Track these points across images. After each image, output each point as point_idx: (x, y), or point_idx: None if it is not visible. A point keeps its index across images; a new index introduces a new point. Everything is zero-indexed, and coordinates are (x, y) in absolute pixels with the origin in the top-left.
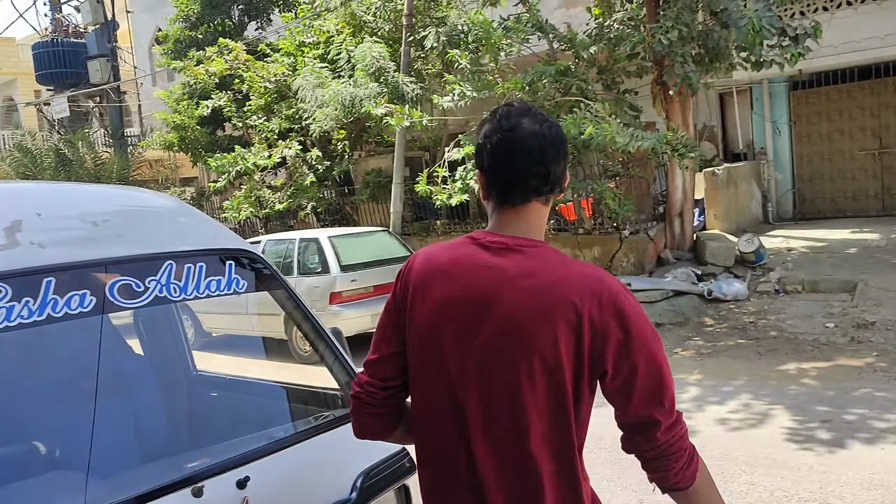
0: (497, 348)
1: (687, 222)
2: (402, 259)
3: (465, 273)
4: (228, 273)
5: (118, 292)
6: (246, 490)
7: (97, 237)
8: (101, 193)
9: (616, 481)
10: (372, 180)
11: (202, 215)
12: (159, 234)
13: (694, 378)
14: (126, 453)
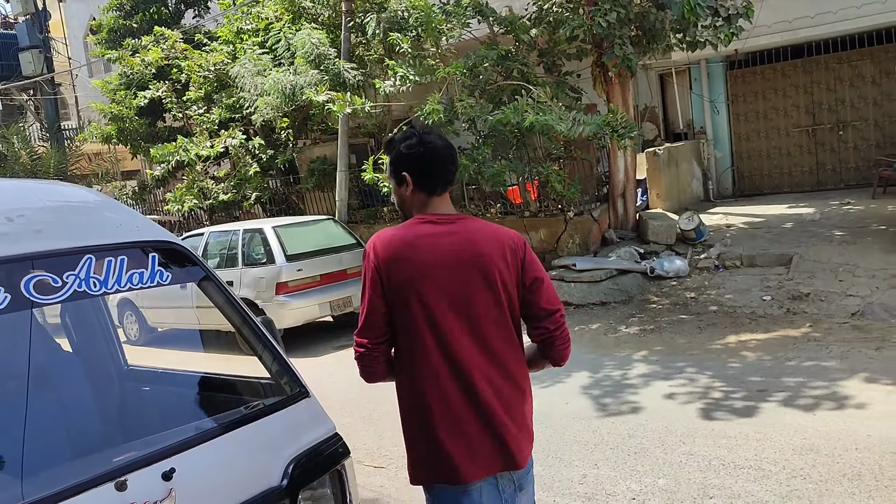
0: (473, 278)
1: (630, 202)
2: (349, 247)
3: (431, 241)
4: (151, 265)
5: (34, 288)
6: (172, 482)
7: (12, 233)
8: (18, 188)
9: (561, 458)
10: (317, 168)
11: (125, 208)
12: (79, 228)
13: (639, 354)
14: (52, 451)
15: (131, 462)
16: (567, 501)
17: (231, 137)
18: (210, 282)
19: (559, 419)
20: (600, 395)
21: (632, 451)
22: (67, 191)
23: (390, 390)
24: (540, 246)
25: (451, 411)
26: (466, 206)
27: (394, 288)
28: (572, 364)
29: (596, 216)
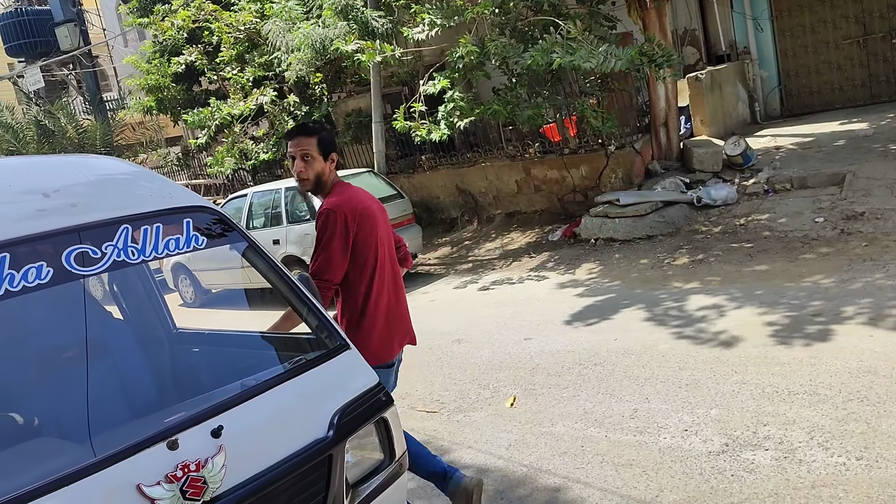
0: (388, 223)
1: (672, 131)
2: (389, 198)
3: (369, 201)
4: (186, 231)
5: (75, 260)
6: (221, 438)
7: (50, 208)
8: (52, 164)
9: (612, 393)
10: (353, 121)
11: (158, 177)
12: (113, 199)
13: (688, 286)
14: (106, 416)
15: (182, 422)
16: (618, 436)
17: (263, 95)
18: (243, 242)
19: (608, 356)
20: (649, 329)
21: (683, 384)
22: (100, 163)
23: (439, 339)
24: (581, 183)
25: (391, 313)
26: (504, 147)
27: (361, 237)
28: (620, 299)
29: (638, 148)
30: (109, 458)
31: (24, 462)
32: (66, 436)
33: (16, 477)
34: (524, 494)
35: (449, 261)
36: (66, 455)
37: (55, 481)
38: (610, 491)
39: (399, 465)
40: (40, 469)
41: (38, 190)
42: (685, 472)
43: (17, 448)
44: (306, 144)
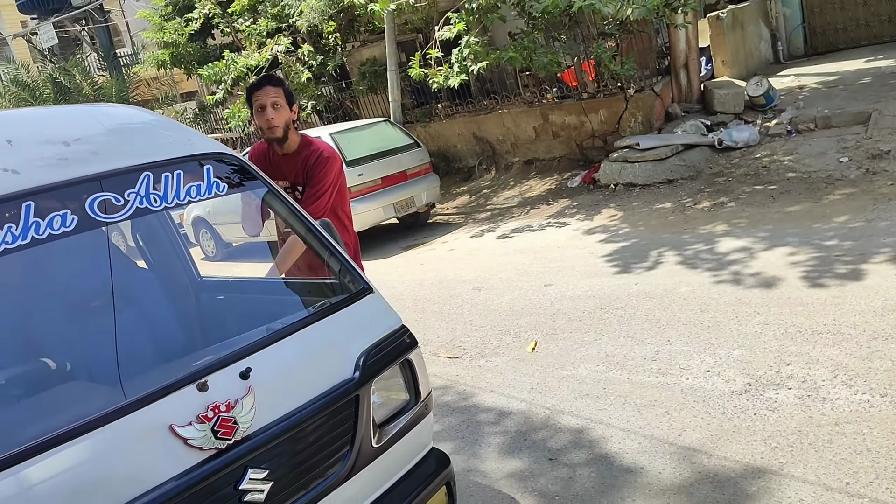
0: None
1: (693, 73)
2: (406, 147)
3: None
4: (207, 177)
5: (98, 208)
6: (249, 380)
7: (71, 157)
8: (72, 113)
9: (633, 336)
10: (368, 70)
11: (178, 125)
12: (134, 147)
13: (709, 229)
14: (136, 361)
15: (210, 364)
16: (640, 378)
17: (277, 44)
18: (264, 188)
19: (629, 300)
20: (670, 273)
21: (705, 326)
22: (120, 112)
23: (459, 286)
24: (600, 128)
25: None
26: (521, 94)
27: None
28: (641, 244)
29: (658, 91)
30: (141, 400)
31: (58, 405)
32: (98, 381)
33: (52, 418)
34: (546, 436)
35: (467, 210)
36: (98, 398)
37: (90, 422)
38: (632, 431)
39: (424, 405)
40: (75, 411)
41: (58, 139)
42: (707, 411)
43: (51, 392)
44: (275, 94)
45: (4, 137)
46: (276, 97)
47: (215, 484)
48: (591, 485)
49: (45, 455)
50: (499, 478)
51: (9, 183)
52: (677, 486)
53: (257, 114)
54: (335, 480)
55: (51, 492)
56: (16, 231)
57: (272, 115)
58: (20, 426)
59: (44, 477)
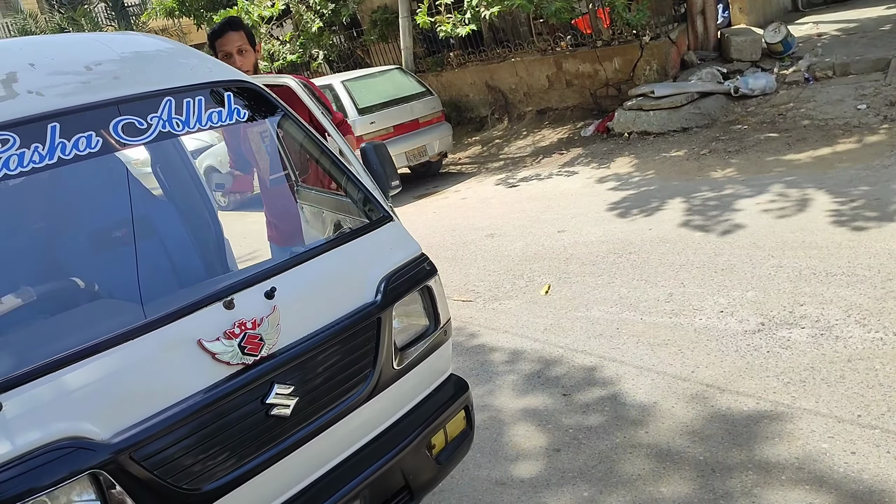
0: None
1: (710, 20)
2: (418, 96)
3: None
4: (228, 104)
5: (122, 130)
6: (274, 300)
7: (93, 81)
8: (94, 40)
9: (647, 280)
10: (379, 18)
11: (198, 53)
12: (155, 73)
13: (723, 175)
14: (163, 282)
15: (236, 284)
16: (654, 319)
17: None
18: (285, 118)
19: (642, 244)
20: (684, 219)
21: (718, 269)
22: (140, 39)
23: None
24: (615, 77)
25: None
26: (534, 41)
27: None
28: (654, 191)
29: (674, 38)
30: (170, 315)
31: (90, 319)
32: (129, 300)
33: (85, 331)
34: (561, 373)
35: (480, 159)
36: (128, 314)
37: (121, 335)
38: (646, 368)
39: (444, 331)
40: (106, 325)
41: (80, 64)
42: (720, 349)
43: (82, 308)
44: (239, 39)
45: (27, 61)
46: (240, 42)
47: (243, 397)
48: (605, 419)
49: (80, 364)
50: (514, 412)
51: (34, 104)
52: (690, 420)
53: (224, 62)
54: (358, 399)
55: (86, 397)
56: (42, 151)
57: (240, 62)
58: (55, 338)
59: (79, 384)
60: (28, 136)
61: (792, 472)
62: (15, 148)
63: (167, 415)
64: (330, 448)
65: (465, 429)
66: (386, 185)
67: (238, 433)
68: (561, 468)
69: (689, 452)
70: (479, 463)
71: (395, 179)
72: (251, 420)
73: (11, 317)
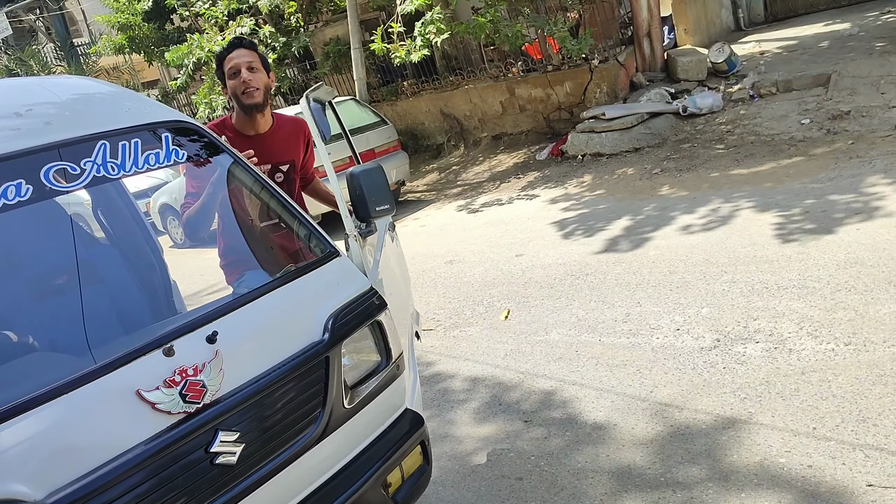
0: None
1: (656, 42)
2: (375, 125)
3: None
4: (166, 145)
5: (54, 177)
6: (216, 344)
7: (24, 127)
8: (29, 84)
9: (604, 300)
10: (332, 50)
11: (136, 95)
12: (89, 116)
13: (675, 194)
14: (101, 331)
15: (175, 329)
16: (612, 339)
17: (240, 26)
18: (227, 156)
19: (599, 265)
20: (638, 237)
21: (673, 286)
22: (73, 82)
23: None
24: (566, 100)
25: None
26: (487, 68)
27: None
28: (608, 211)
29: (622, 61)
30: (107, 366)
31: (24, 374)
32: (63, 351)
33: (18, 386)
34: (520, 398)
35: (437, 186)
36: (64, 366)
37: (55, 389)
38: (605, 390)
39: (396, 366)
40: (41, 379)
41: (10, 110)
42: (678, 368)
43: (16, 362)
44: (248, 55)
45: None
46: (250, 59)
47: (186, 447)
48: (566, 443)
49: (12, 422)
50: (476, 441)
51: None
52: (650, 440)
53: (230, 80)
54: (308, 442)
55: (18, 456)
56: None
57: (249, 77)
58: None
59: (10, 443)
60: None
61: (751, 487)
62: None
63: (105, 470)
64: (281, 494)
65: (422, 464)
66: (367, 210)
67: (182, 485)
68: (524, 497)
69: (649, 472)
70: (441, 497)
71: (384, 204)
72: (195, 470)
73: None
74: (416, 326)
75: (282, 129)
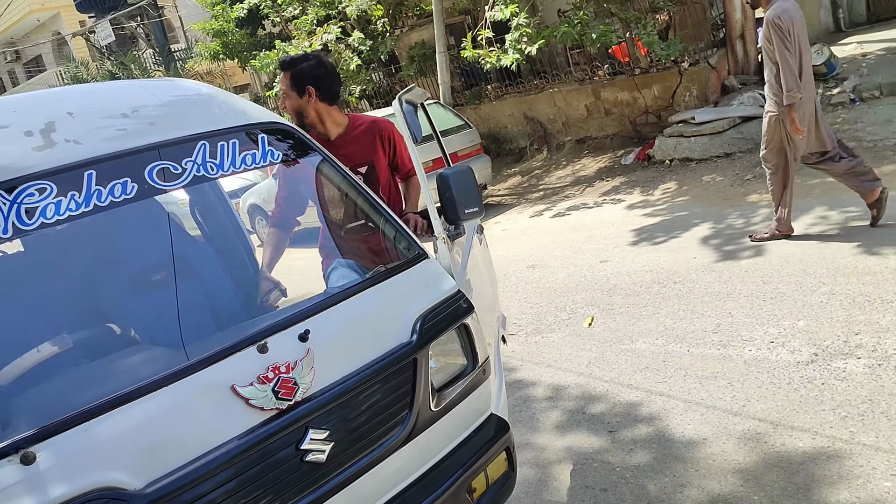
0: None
1: (750, 43)
2: (458, 129)
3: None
4: (262, 146)
5: (157, 176)
6: (308, 342)
7: (130, 128)
8: (133, 86)
9: (693, 310)
10: (416, 54)
11: (233, 96)
12: (191, 118)
13: (765, 201)
14: (197, 327)
15: (269, 327)
16: (701, 350)
17: (327, 33)
18: (320, 157)
19: (687, 273)
20: (730, 245)
21: (767, 297)
22: (179, 84)
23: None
24: (654, 104)
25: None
26: (572, 71)
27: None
28: (697, 218)
29: (713, 63)
30: (203, 361)
31: (125, 367)
32: (162, 345)
33: (118, 379)
34: (605, 409)
35: (519, 190)
36: (162, 360)
37: (154, 383)
38: (694, 402)
39: (482, 370)
40: (140, 371)
41: (117, 111)
42: (773, 382)
43: (117, 355)
44: (283, 81)
45: (66, 110)
46: (283, 85)
47: (277, 443)
48: (653, 456)
49: (113, 413)
50: (558, 450)
51: (71, 152)
52: (743, 457)
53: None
54: (395, 443)
55: (119, 446)
56: (79, 199)
57: (283, 105)
58: (89, 386)
59: (112, 433)
60: (65, 184)
61: None
62: (52, 196)
63: (200, 463)
64: (367, 494)
65: (506, 471)
66: (456, 213)
67: (272, 481)
68: None
69: (741, 492)
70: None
71: (473, 206)
72: (285, 467)
73: (47, 365)
74: (502, 330)
75: (355, 132)
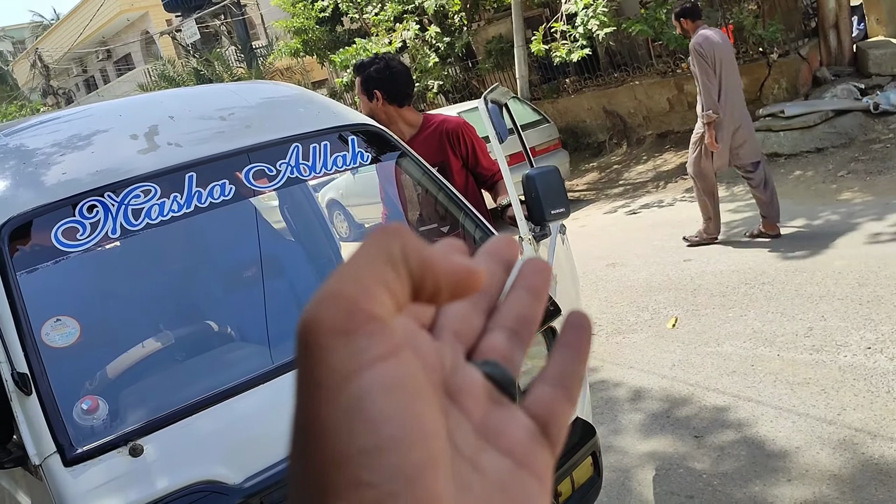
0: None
1: (844, 33)
2: (536, 123)
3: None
4: (352, 148)
5: (254, 178)
6: None
7: (227, 130)
8: (225, 90)
9: (783, 312)
10: (493, 48)
11: (322, 97)
12: (284, 120)
13: (864, 200)
14: (290, 323)
15: None
16: (792, 355)
17: (406, 30)
18: (405, 157)
19: (776, 274)
20: (821, 245)
21: (864, 301)
22: (267, 88)
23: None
24: None
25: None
26: (654, 64)
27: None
28: (788, 215)
29: (804, 54)
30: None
31: (223, 363)
32: (256, 342)
33: (218, 375)
34: (691, 413)
35: (598, 186)
36: (258, 357)
37: (252, 379)
38: (785, 409)
39: None
40: (238, 369)
41: (214, 114)
42: (870, 390)
43: (215, 351)
44: (356, 86)
45: (167, 113)
46: (357, 89)
47: None
48: (742, 463)
49: (214, 408)
50: (642, 455)
51: (173, 155)
52: (839, 467)
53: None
54: None
55: (219, 441)
56: (181, 200)
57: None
58: (190, 382)
59: (213, 428)
60: (168, 186)
61: None
62: (156, 198)
63: None
64: None
65: (592, 476)
66: (542, 214)
67: None
68: None
69: (837, 502)
70: None
71: (559, 207)
72: None
73: (151, 360)
74: None
75: (425, 133)
